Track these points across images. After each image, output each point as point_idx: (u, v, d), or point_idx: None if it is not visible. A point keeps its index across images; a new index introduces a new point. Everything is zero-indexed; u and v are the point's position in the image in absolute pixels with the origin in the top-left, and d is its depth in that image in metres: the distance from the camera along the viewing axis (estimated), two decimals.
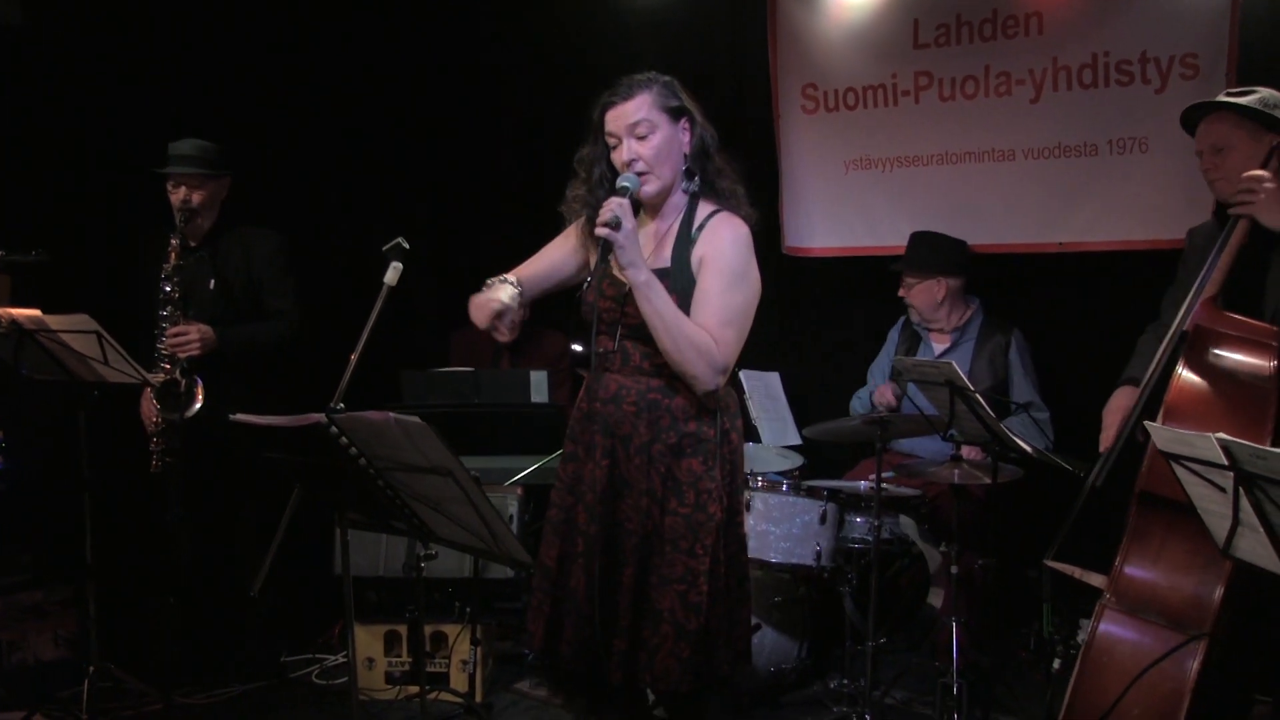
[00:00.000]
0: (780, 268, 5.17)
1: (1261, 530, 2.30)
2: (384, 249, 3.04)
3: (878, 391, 4.46)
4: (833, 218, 5.07)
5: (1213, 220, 3.44)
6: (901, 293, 4.54)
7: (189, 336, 3.99)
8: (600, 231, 2.57)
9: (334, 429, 2.35)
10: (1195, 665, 2.65)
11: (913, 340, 4.62)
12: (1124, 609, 2.78)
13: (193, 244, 4.16)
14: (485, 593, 4.11)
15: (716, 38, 5.25)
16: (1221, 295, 3.08)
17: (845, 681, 3.88)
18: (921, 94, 4.78)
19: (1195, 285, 3.06)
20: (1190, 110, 3.38)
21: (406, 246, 3.04)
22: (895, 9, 4.80)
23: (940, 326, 4.52)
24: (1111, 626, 2.78)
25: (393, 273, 3.01)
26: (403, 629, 4.05)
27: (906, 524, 4.10)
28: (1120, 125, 4.39)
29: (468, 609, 3.99)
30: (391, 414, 2.28)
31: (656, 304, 2.59)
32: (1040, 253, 4.62)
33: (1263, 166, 3.06)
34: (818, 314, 5.27)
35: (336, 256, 5.17)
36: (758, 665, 3.86)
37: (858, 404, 4.67)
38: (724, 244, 2.69)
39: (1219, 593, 2.71)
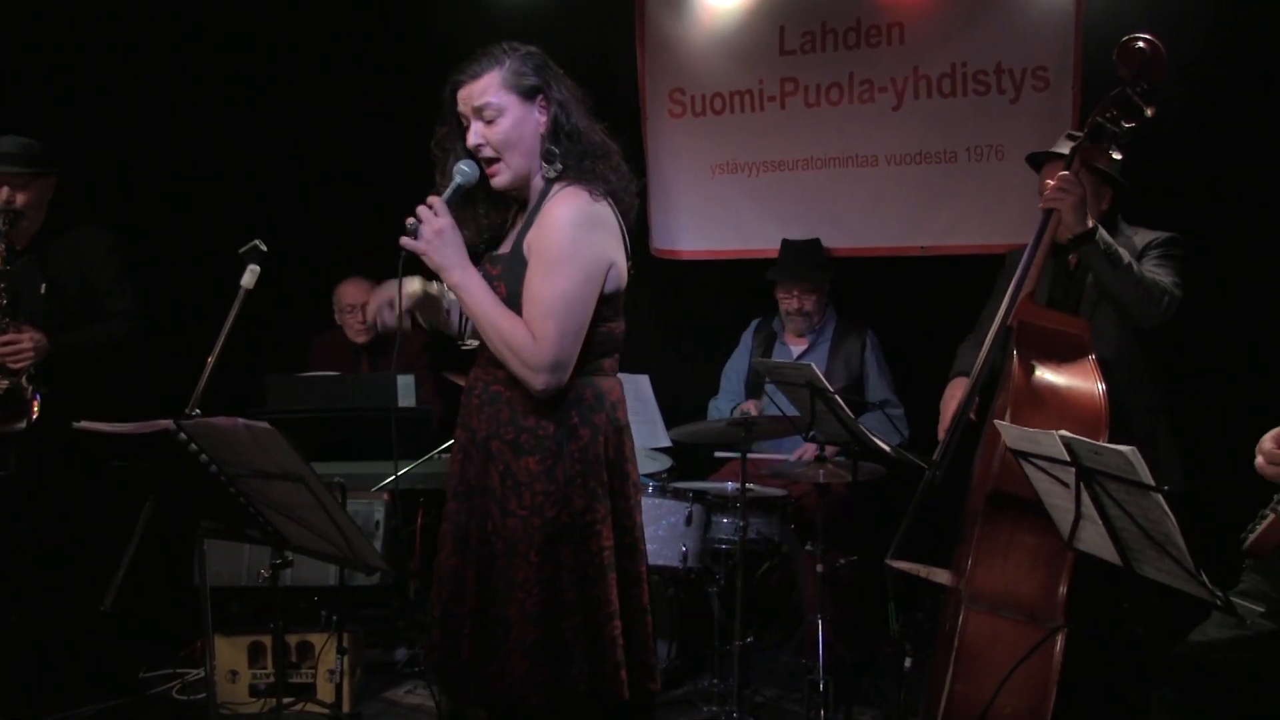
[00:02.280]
0: (649, 270, 5.20)
1: (1100, 522, 2.40)
2: (240, 251, 2.97)
3: (741, 408, 4.50)
4: (700, 221, 5.15)
5: None
6: (791, 303, 4.55)
7: (21, 345, 3.79)
8: (402, 242, 2.43)
9: (183, 435, 2.28)
10: (1057, 656, 2.75)
11: (768, 342, 4.69)
12: (984, 609, 2.86)
13: (19, 247, 3.97)
14: (352, 600, 4.05)
15: (585, 41, 5.23)
16: (1039, 292, 3.25)
17: (715, 681, 3.90)
18: (787, 100, 4.88)
19: (1014, 281, 3.19)
20: (1037, 153, 3.56)
21: (264, 249, 2.98)
22: (762, 16, 4.89)
23: (803, 330, 4.60)
24: (976, 628, 2.86)
25: (249, 275, 2.95)
26: (268, 640, 3.95)
27: (773, 524, 4.15)
28: (978, 133, 4.56)
29: (334, 617, 3.91)
30: (240, 419, 2.22)
31: (470, 303, 2.44)
32: (903, 256, 4.74)
33: (1100, 208, 3.30)
34: (686, 316, 5.32)
35: (196, 259, 5.00)
36: None
37: (715, 413, 4.72)
38: (549, 224, 2.44)
39: (1064, 583, 2.82)
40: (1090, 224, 3.10)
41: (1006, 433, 2.57)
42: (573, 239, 2.41)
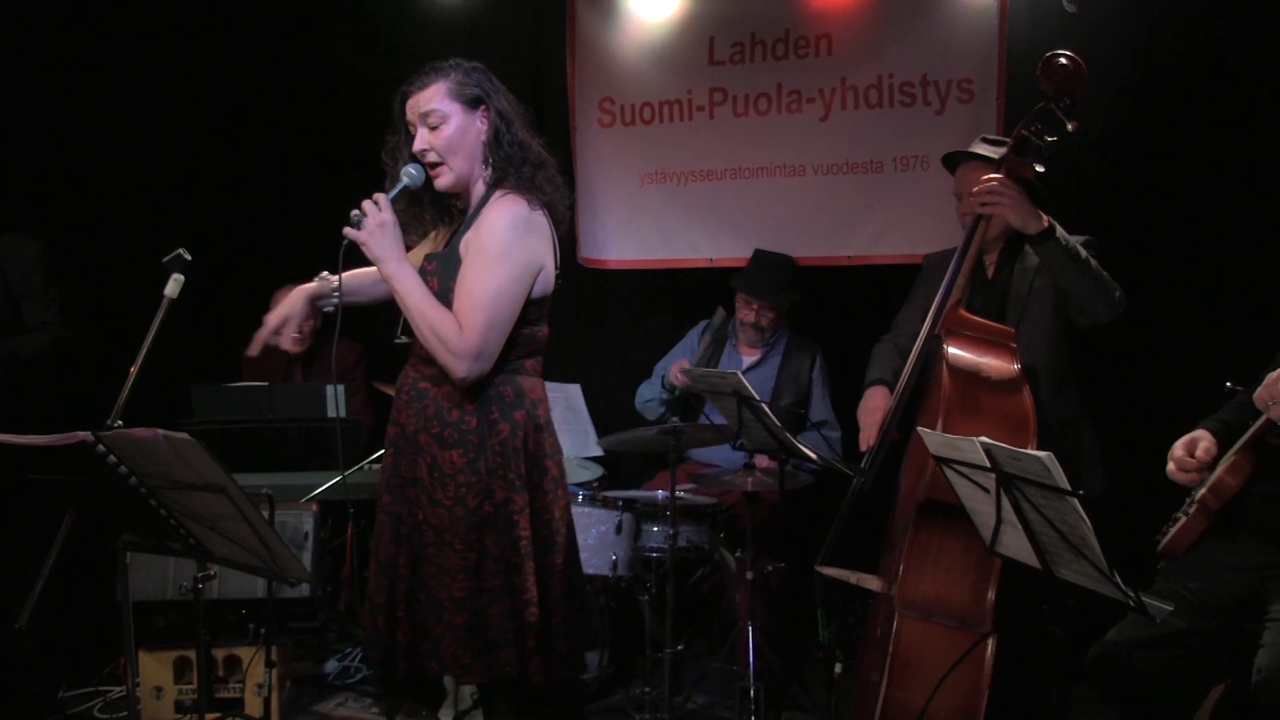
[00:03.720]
0: (578, 279, 5.23)
1: (1020, 527, 2.45)
2: (164, 260, 2.94)
3: (672, 370, 4.53)
4: (629, 230, 5.16)
5: (954, 249, 3.67)
6: (748, 315, 4.56)
7: None
8: (345, 232, 2.62)
9: (101, 447, 2.25)
10: (988, 661, 2.80)
11: (716, 347, 4.70)
12: (917, 615, 2.91)
13: None
14: (280, 612, 4.00)
15: (516, 48, 5.25)
16: (965, 301, 3.29)
17: (647, 688, 3.91)
18: (716, 110, 4.91)
19: (942, 289, 3.23)
20: (951, 153, 3.63)
21: (188, 258, 2.94)
22: (691, 26, 4.92)
23: (754, 341, 4.62)
24: (909, 635, 2.90)
25: (173, 285, 2.91)
26: (194, 654, 3.88)
27: (703, 531, 4.17)
28: (903, 144, 4.63)
29: (262, 630, 3.86)
30: (160, 430, 2.19)
31: (401, 292, 2.62)
32: (830, 265, 4.80)
33: None
34: (616, 325, 5.34)
35: (123, 267, 4.90)
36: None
37: (646, 389, 4.73)
38: (487, 225, 2.64)
39: (992, 590, 2.87)
40: (1046, 221, 3.12)
41: (929, 439, 2.60)
42: (508, 240, 2.60)
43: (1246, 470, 2.66)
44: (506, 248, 2.60)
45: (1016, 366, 3.09)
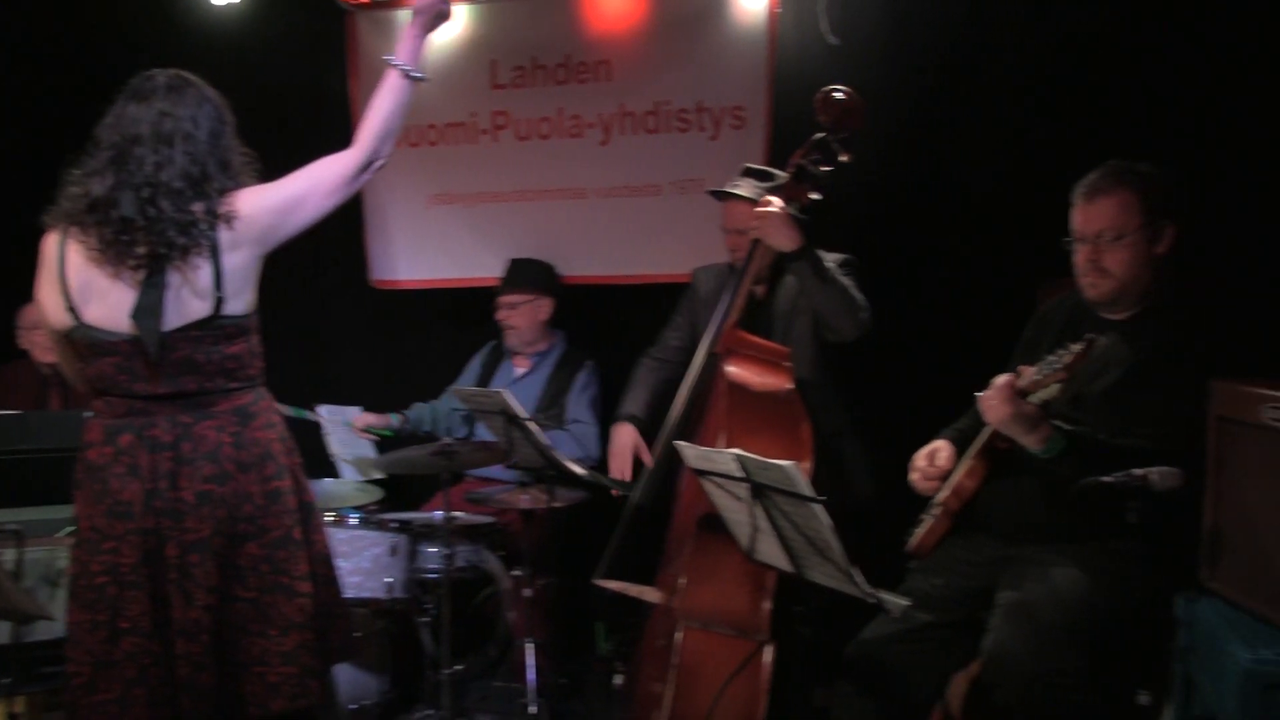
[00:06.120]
0: (367, 300, 5.17)
1: (772, 533, 2.55)
2: None
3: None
4: (417, 251, 5.14)
5: (723, 266, 3.84)
6: (503, 315, 4.60)
7: None
8: None
9: None
10: (767, 668, 2.91)
11: (494, 361, 4.72)
12: (699, 625, 2.97)
13: None
14: (29, 659, 3.75)
15: (297, 67, 5.15)
16: (741, 320, 3.41)
17: (430, 711, 3.86)
18: (500, 133, 4.95)
19: (719, 310, 3.35)
20: (716, 190, 3.79)
21: None
22: (474, 49, 4.94)
23: (527, 350, 4.65)
24: (692, 645, 2.97)
25: None
26: None
27: (481, 550, 4.16)
28: (680, 168, 4.76)
29: (7, 680, 3.61)
30: None
31: None
32: (613, 284, 4.90)
33: None
34: (404, 345, 5.28)
35: None
36: (339, 703, 3.79)
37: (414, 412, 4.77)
38: None
39: (768, 599, 2.97)
40: (799, 241, 3.26)
41: (685, 453, 2.69)
42: None
43: (981, 473, 2.85)
44: None
45: (791, 385, 3.22)
